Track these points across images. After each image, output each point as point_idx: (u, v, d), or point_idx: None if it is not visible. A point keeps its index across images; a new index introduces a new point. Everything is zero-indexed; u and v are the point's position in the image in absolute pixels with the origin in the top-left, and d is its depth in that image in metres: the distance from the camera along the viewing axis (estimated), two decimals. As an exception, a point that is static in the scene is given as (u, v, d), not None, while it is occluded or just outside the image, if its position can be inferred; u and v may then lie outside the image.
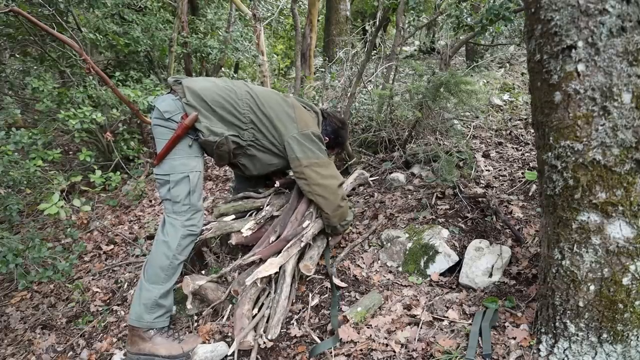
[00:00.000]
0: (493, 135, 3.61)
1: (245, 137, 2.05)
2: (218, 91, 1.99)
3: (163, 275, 1.93)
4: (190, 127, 1.91)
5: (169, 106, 1.93)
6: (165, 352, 1.88)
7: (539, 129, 1.44)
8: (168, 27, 4.92)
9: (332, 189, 2.14)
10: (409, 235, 2.39)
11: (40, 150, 2.69)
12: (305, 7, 5.93)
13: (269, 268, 1.92)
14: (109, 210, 3.77)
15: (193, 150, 1.97)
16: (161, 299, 1.92)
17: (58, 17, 3.73)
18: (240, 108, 2.00)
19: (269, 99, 2.10)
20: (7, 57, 4.56)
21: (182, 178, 1.93)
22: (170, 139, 1.91)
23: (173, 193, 1.93)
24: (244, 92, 2.05)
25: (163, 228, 1.97)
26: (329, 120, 2.39)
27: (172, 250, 1.93)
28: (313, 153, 2.09)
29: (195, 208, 1.98)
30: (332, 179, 2.16)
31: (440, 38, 6.55)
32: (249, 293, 1.94)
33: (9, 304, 2.58)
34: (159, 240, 1.95)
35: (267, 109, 2.06)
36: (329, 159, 2.30)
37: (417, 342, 1.72)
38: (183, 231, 1.95)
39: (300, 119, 2.13)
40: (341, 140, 2.48)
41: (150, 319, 1.90)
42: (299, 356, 1.79)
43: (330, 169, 2.18)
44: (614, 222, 1.31)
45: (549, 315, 1.52)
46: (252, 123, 2.04)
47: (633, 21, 1.18)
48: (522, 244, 2.23)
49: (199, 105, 1.93)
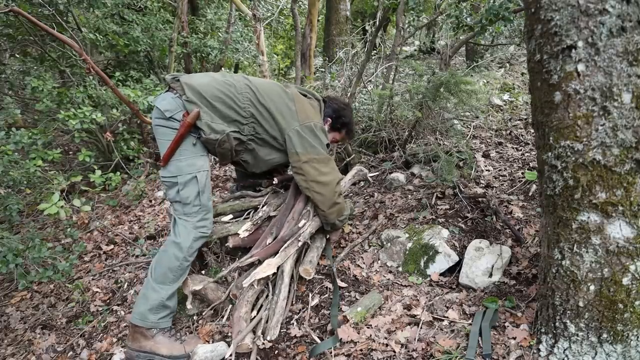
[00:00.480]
0: (493, 135, 3.61)
1: (245, 132, 2.02)
2: (217, 86, 1.96)
3: (171, 276, 1.93)
4: (193, 125, 1.89)
5: (169, 105, 1.89)
6: (166, 352, 1.87)
7: (539, 129, 1.44)
8: (168, 27, 4.93)
9: (330, 186, 2.12)
10: (409, 235, 2.39)
11: (40, 150, 2.69)
12: (305, 7, 5.93)
13: (266, 269, 1.92)
14: (109, 210, 3.77)
15: (198, 149, 1.95)
16: (168, 300, 1.92)
17: (58, 17, 3.73)
18: (240, 102, 1.97)
19: (269, 91, 2.06)
20: (7, 57, 4.56)
21: (190, 179, 1.91)
22: (173, 139, 1.88)
23: (182, 195, 1.91)
24: (243, 85, 2.02)
25: (175, 228, 1.96)
26: (330, 103, 2.35)
27: (184, 252, 1.92)
28: (313, 148, 2.06)
29: (206, 208, 1.97)
30: (330, 175, 2.13)
31: (440, 38, 6.55)
32: (246, 296, 1.94)
33: (9, 304, 2.58)
34: (171, 241, 1.94)
35: (268, 102, 2.02)
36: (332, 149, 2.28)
37: (417, 342, 1.72)
38: (195, 233, 1.94)
39: (301, 110, 2.09)
40: (345, 120, 2.39)
41: (155, 319, 1.90)
42: (299, 356, 1.79)
43: (329, 165, 2.14)
44: (614, 222, 1.31)
45: (549, 315, 1.52)
46: (252, 117, 2.01)
47: (633, 21, 1.18)
48: (522, 244, 2.23)
49: (199, 101, 1.90)
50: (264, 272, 1.91)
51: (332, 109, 2.34)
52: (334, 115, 2.35)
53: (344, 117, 2.38)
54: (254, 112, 2.00)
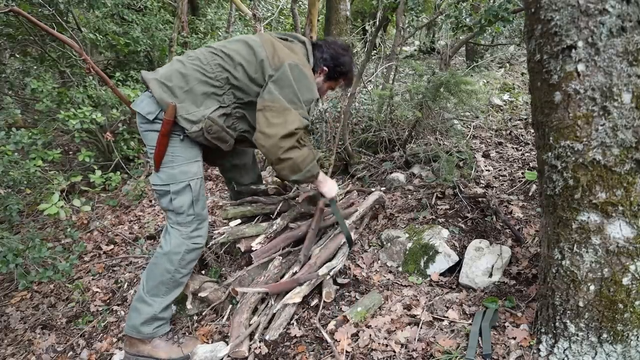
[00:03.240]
0: (493, 135, 3.61)
1: (226, 102, 1.84)
2: (180, 69, 1.79)
3: (164, 289, 1.85)
4: (174, 121, 1.75)
5: (148, 106, 1.78)
6: (164, 356, 1.85)
7: (539, 129, 1.44)
8: (168, 27, 4.93)
9: (272, 139, 1.79)
10: (409, 235, 2.39)
11: (40, 150, 2.69)
12: (305, 7, 5.93)
13: (294, 297, 1.90)
14: (109, 210, 3.77)
15: (191, 154, 1.84)
16: (162, 312, 1.85)
17: (58, 17, 3.73)
18: (209, 72, 1.80)
19: (236, 47, 1.85)
20: (7, 57, 4.56)
21: (183, 187, 1.81)
22: (157, 140, 1.76)
23: (175, 204, 1.81)
24: (208, 54, 1.84)
25: (165, 236, 1.86)
26: (325, 48, 2.04)
27: (175, 265, 1.83)
28: (270, 94, 1.80)
29: (200, 217, 1.88)
30: (277, 127, 1.79)
31: (440, 38, 6.56)
32: (248, 302, 1.93)
33: (9, 304, 2.58)
34: (161, 252, 1.84)
35: (238, 58, 1.81)
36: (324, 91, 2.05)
37: (417, 342, 1.72)
38: (188, 244, 1.84)
39: (273, 54, 1.82)
40: (344, 69, 2.06)
41: (149, 331, 1.84)
42: (299, 356, 1.79)
43: (283, 116, 1.79)
44: (614, 222, 1.30)
45: (549, 315, 1.52)
46: (227, 82, 1.82)
47: (633, 21, 1.18)
48: (522, 244, 2.23)
49: (168, 96, 1.75)
50: (292, 299, 1.90)
51: (329, 56, 2.03)
52: (332, 64, 2.04)
53: (343, 66, 2.06)
54: (227, 76, 1.81)
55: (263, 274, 2.06)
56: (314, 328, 1.92)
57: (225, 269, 2.37)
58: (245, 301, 1.93)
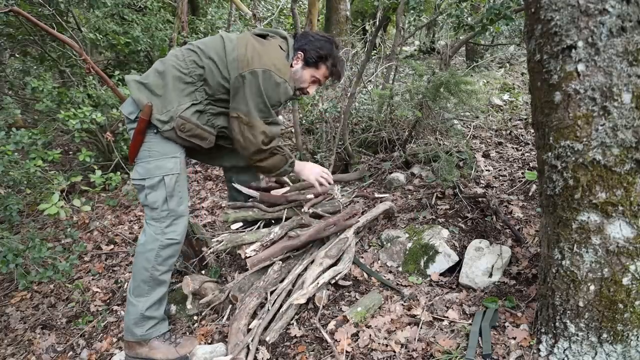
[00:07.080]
0: (493, 135, 3.61)
1: (199, 98, 1.83)
2: (158, 67, 1.82)
3: (146, 288, 1.85)
4: (149, 119, 1.76)
5: (130, 107, 1.81)
6: (162, 357, 1.85)
7: (539, 129, 1.44)
8: (168, 27, 4.93)
9: (246, 152, 1.89)
10: (409, 235, 2.39)
11: (40, 150, 2.68)
12: (305, 7, 5.93)
13: (300, 299, 1.90)
14: (109, 210, 3.77)
15: (168, 149, 1.83)
16: (148, 311, 1.84)
17: (58, 17, 3.73)
18: (184, 69, 1.80)
19: (213, 44, 1.85)
20: (7, 57, 4.56)
21: (157, 182, 1.81)
22: (132, 136, 1.78)
23: (150, 199, 1.82)
24: (186, 50, 1.85)
25: (142, 234, 1.87)
26: (304, 37, 1.97)
27: (151, 262, 1.82)
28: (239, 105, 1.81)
29: (175, 214, 1.85)
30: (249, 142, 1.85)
31: (440, 38, 6.56)
32: (247, 307, 1.92)
33: (9, 304, 2.58)
34: (137, 251, 1.85)
35: (212, 55, 1.81)
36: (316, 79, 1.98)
37: (417, 342, 1.72)
38: (162, 240, 1.82)
39: (242, 58, 1.78)
40: (322, 52, 1.92)
41: (142, 332, 1.85)
42: (299, 356, 1.79)
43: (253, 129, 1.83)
44: (614, 222, 1.31)
45: (549, 315, 1.52)
46: (200, 78, 1.82)
47: (633, 21, 1.18)
48: (522, 244, 2.23)
49: (145, 95, 1.78)
50: (297, 301, 1.90)
51: (306, 41, 1.93)
52: (307, 47, 1.92)
53: (321, 49, 1.92)
54: (201, 72, 1.81)
55: (262, 278, 2.06)
56: (314, 328, 1.92)
57: (225, 269, 2.38)
58: (243, 307, 1.92)
